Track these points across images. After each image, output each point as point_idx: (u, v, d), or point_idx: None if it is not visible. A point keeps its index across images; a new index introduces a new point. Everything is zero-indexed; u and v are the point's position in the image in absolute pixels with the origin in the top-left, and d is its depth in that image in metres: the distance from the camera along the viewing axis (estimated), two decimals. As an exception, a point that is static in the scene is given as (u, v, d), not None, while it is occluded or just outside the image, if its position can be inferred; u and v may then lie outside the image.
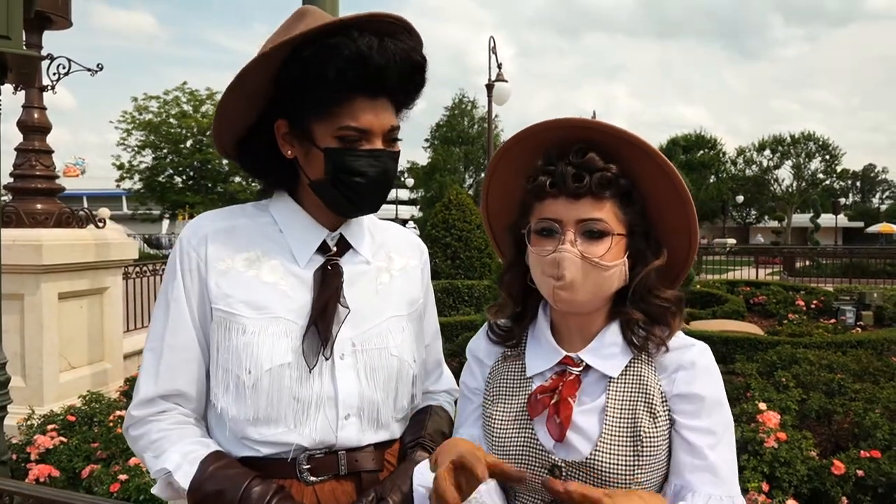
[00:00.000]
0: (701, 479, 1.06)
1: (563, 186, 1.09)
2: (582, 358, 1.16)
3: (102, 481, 3.28)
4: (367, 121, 1.16)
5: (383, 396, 1.23)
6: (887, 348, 6.52)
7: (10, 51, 2.54)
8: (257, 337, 1.16)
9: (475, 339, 1.34)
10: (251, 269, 1.21)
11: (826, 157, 49.11)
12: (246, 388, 1.15)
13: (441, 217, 9.93)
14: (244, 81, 1.17)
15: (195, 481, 1.09)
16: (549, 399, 1.14)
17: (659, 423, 1.09)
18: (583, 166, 1.09)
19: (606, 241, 1.09)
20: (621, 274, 1.13)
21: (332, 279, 1.22)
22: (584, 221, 1.09)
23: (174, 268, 1.22)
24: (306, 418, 1.17)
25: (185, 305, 1.20)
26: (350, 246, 1.28)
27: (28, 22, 3.02)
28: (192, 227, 1.25)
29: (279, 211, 1.27)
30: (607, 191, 1.09)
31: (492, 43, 14.23)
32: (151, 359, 1.20)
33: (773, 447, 3.54)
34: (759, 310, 10.70)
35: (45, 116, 5.08)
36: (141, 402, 1.19)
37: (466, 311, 8.42)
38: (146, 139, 28.85)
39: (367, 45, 1.12)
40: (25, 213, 4.78)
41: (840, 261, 19.70)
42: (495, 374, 1.25)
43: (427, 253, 1.46)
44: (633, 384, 1.13)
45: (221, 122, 1.24)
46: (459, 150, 39.01)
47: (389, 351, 1.25)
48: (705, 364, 1.13)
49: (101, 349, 5.17)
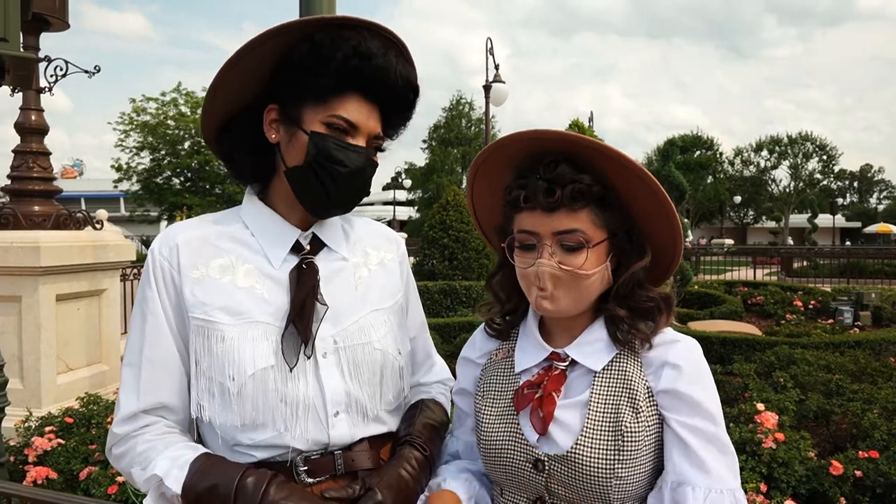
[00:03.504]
0: (698, 474, 1.06)
1: (535, 201, 1.10)
2: (568, 353, 1.17)
3: (100, 483, 3.29)
4: (358, 116, 1.19)
5: (370, 391, 1.23)
6: (885, 349, 6.52)
7: (7, 53, 2.53)
8: (237, 343, 1.15)
9: (467, 345, 1.36)
10: (226, 274, 1.20)
11: (823, 158, 49.23)
12: (231, 394, 1.14)
13: (438, 218, 9.94)
14: (249, 55, 1.17)
15: (187, 482, 1.07)
16: (534, 394, 1.15)
17: (642, 419, 1.10)
18: (554, 180, 1.09)
19: (584, 251, 1.10)
20: (604, 278, 1.14)
21: (308, 277, 1.21)
22: (560, 234, 1.10)
23: (148, 279, 1.20)
24: (295, 420, 1.16)
25: (161, 317, 1.18)
26: (324, 244, 1.28)
27: (25, 24, 3.02)
28: (162, 238, 1.24)
29: (249, 214, 1.27)
30: (580, 202, 1.09)
31: (489, 44, 14.25)
32: (131, 374, 1.18)
33: (771, 448, 3.54)
34: (756, 310, 10.73)
35: (42, 118, 5.08)
36: (123, 418, 1.17)
37: (464, 311, 8.42)
38: (144, 140, 28.82)
39: (376, 46, 1.17)
40: (23, 215, 4.77)
41: (838, 261, 19.73)
42: (486, 371, 1.28)
43: (403, 245, 1.46)
44: (617, 379, 1.13)
45: (215, 97, 1.22)
46: (457, 151, 39.02)
47: (373, 345, 1.25)
48: (692, 359, 1.13)
49: (98, 351, 5.16)
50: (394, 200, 44.72)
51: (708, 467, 1.06)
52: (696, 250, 20.65)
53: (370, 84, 1.18)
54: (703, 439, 1.08)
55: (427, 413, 1.33)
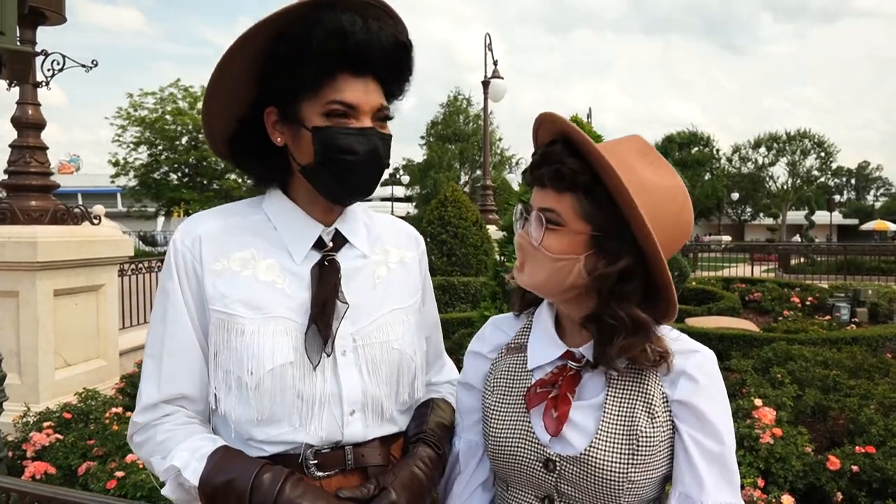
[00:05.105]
0: (706, 489, 1.07)
1: (531, 173, 1.14)
2: (583, 353, 1.15)
3: (99, 478, 3.28)
4: (353, 96, 1.14)
5: (386, 391, 1.23)
6: (882, 345, 6.54)
7: (3, 46, 2.52)
8: (257, 337, 1.14)
9: (475, 339, 1.35)
10: (247, 268, 1.19)
11: (821, 155, 49.25)
12: (248, 389, 1.13)
13: (437, 214, 9.92)
14: (230, 65, 1.16)
15: (204, 476, 1.07)
16: (547, 393, 1.14)
17: (657, 424, 1.09)
18: (544, 157, 1.11)
19: (560, 232, 1.09)
20: (577, 270, 1.09)
21: (330, 275, 1.20)
22: (541, 210, 1.11)
23: (170, 270, 1.19)
24: (311, 416, 1.16)
25: (182, 308, 1.18)
26: (346, 240, 1.27)
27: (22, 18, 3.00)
28: (184, 228, 1.22)
29: (272, 208, 1.25)
30: (561, 183, 1.08)
31: (487, 40, 14.21)
32: (152, 364, 1.19)
33: (768, 443, 3.55)
34: (754, 307, 10.73)
35: (39, 113, 5.06)
36: (144, 408, 1.18)
37: (463, 307, 8.42)
38: (141, 136, 28.74)
39: (348, 20, 1.11)
40: (20, 210, 4.76)
41: (835, 258, 19.75)
42: (497, 366, 1.26)
43: (423, 244, 1.45)
44: (633, 383, 1.12)
45: (211, 111, 1.21)
46: (455, 147, 38.98)
47: (391, 345, 1.24)
48: (710, 374, 1.13)
49: (96, 346, 5.15)
50: (391, 196, 44.66)
51: (709, 489, 1.07)
52: (693, 247, 20.67)
53: (356, 60, 1.13)
54: (711, 460, 1.08)
55: (438, 412, 1.32)
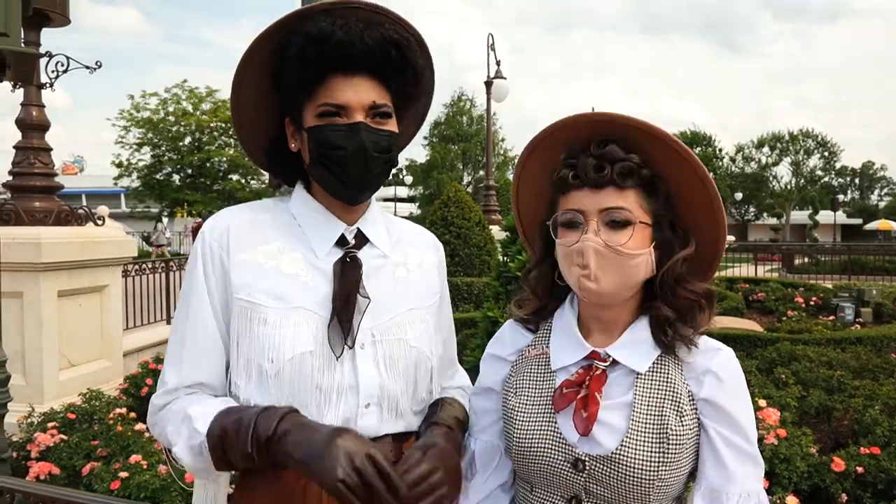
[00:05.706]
0: (735, 478, 1.09)
1: (585, 177, 1.11)
2: (609, 353, 1.16)
3: (103, 479, 3.29)
4: (343, 97, 1.20)
5: (403, 387, 1.25)
6: (886, 345, 6.52)
7: (8, 48, 2.53)
8: (279, 326, 1.18)
9: (494, 342, 1.35)
10: (271, 260, 1.23)
11: (825, 154, 49.16)
12: (269, 376, 1.17)
13: (440, 214, 9.93)
14: (242, 80, 1.24)
15: (213, 422, 1.12)
16: (575, 393, 1.14)
17: (685, 422, 1.11)
18: (604, 157, 1.10)
19: (629, 229, 1.10)
20: (647, 263, 1.13)
21: (352, 270, 1.24)
22: (606, 211, 1.10)
23: (196, 261, 1.24)
24: (328, 406, 1.18)
25: (206, 297, 1.22)
26: (367, 240, 1.30)
27: (26, 19, 3.01)
28: (214, 220, 1.28)
29: (297, 206, 1.31)
30: (629, 180, 1.10)
31: (490, 40, 14.20)
32: (175, 350, 1.23)
33: (772, 444, 3.54)
34: (758, 307, 10.71)
35: (43, 114, 5.07)
36: (165, 391, 1.22)
37: (466, 308, 8.42)
38: (144, 137, 28.80)
39: (329, 23, 1.17)
40: (24, 211, 4.77)
41: (839, 258, 19.70)
42: (518, 367, 1.26)
43: (443, 250, 1.48)
44: (660, 382, 1.13)
45: (241, 127, 1.31)
46: (457, 147, 38.99)
47: (408, 342, 1.27)
48: (734, 372, 1.15)
49: (100, 347, 5.16)
50: (395, 197, 44.69)
51: (738, 478, 1.09)
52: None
53: (341, 61, 1.18)
54: (738, 453, 1.10)
55: (448, 409, 1.32)
